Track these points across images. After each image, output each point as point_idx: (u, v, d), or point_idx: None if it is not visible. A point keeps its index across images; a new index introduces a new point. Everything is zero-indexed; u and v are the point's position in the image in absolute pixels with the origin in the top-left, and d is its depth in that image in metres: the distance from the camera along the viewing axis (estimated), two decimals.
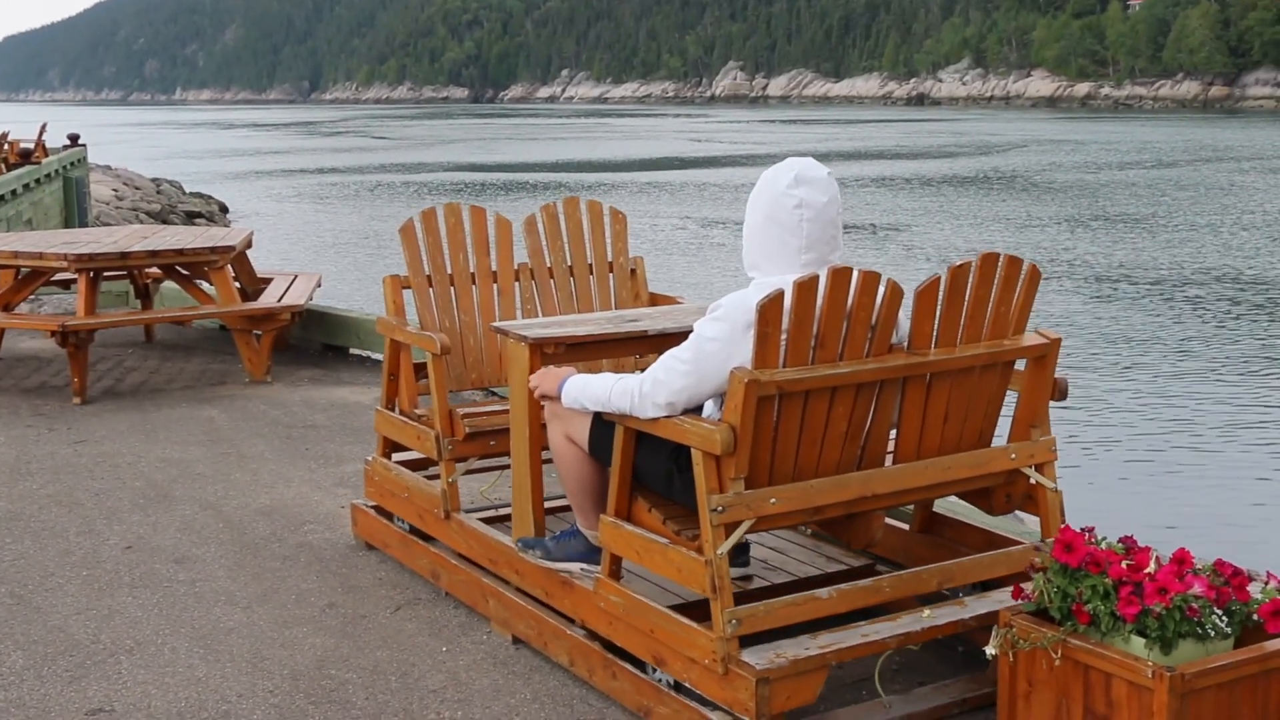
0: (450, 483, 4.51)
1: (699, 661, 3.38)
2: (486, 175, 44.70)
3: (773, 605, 3.41)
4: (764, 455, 3.37)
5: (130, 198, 28.99)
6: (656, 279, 19.01)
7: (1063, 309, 17.04)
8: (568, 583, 3.91)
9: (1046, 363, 3.77)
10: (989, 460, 3.75)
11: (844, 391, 3.40)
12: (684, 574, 3.42)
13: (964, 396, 3.65)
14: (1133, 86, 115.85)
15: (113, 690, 3.88)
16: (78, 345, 7.62)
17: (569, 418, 3.82)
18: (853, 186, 36.80)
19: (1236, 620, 3.08)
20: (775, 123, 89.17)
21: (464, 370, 4.92)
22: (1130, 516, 8.84)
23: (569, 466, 3.89)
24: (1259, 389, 12.56)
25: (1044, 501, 3.81)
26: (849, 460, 3.53)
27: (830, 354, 3.36)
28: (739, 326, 3.38)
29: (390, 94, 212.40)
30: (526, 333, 4.04)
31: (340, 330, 9.02)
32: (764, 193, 3.51)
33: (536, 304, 5.11)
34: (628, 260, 5.27)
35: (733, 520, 3.33)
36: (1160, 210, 29.32)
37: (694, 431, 3.34)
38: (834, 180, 3.53)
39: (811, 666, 3.31)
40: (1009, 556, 3.81)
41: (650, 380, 3.47)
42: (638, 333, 4.17)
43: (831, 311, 3.32)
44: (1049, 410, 3.84)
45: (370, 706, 3.75)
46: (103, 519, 5.51)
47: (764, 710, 3.24)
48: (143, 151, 58.82)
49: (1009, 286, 3.61)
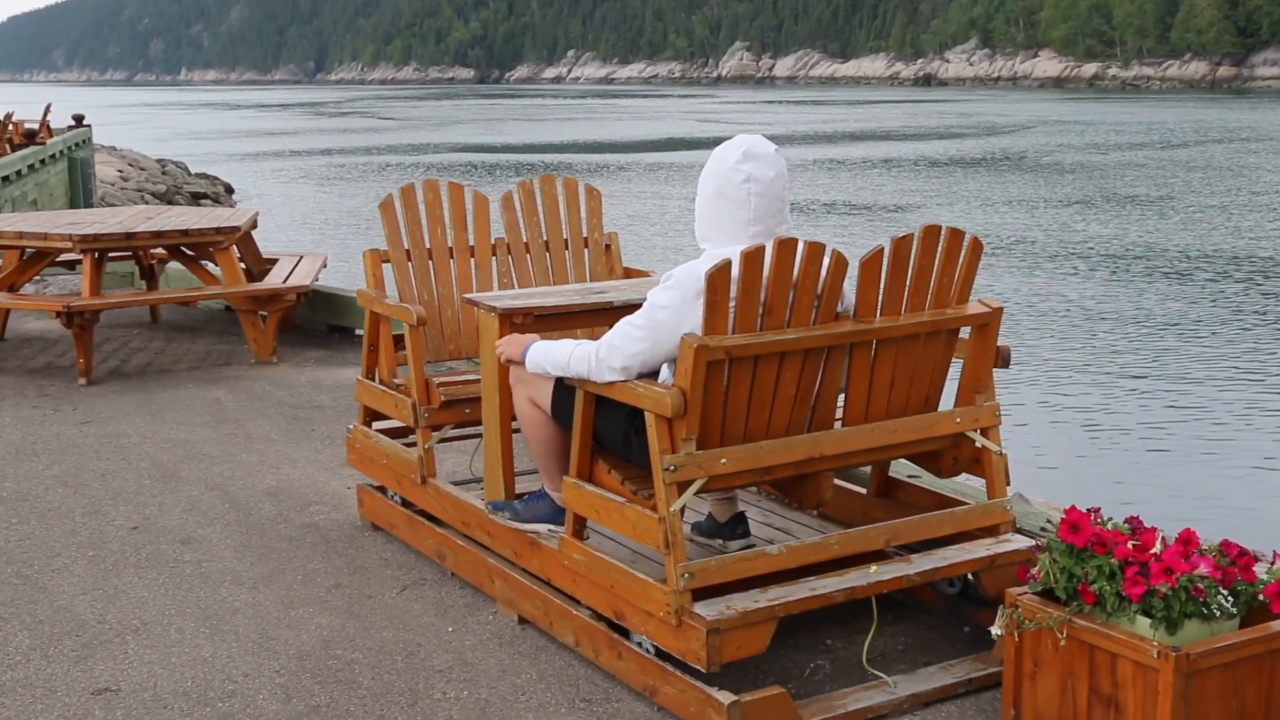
0: (426, 449, 4.64)
1: (654, 614, 3.52)
2: (492, 156, 44.64)
3: (724, 560, 3.56)
4: (715, 418, 3.51)
5: (135, 178, 28.97)
6: (653, 255, 18.90)
7: (1061, 286, 17.01)
8: (535, 543, 4.05)
9: (989, 331, 3.90)
10: (934, 424, 3.89)
11: (792, 357, 3.55)
12: (640, 531, 3.56)
13: (909, 363, 3.79)
14: (1140, 67, 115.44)
15: (119, 670, 3.89)
16: (83, 326, 7.62)
17: (532, 382, 3.96)
18: (860, 168, 36.75)
19: (1242, 600, 3.08)
20: (781, 103, 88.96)
21: (441, 341, 5.07)
22: (1081, 481, 8.95)
23: (533, 430, 4.03)
24: (1266, 367, 12.55)
25: (989, 464, 3.96)
26: (798, 423, 3.66)
27: (778, 321, 3.50)
28: (689, 294, 3.51)
29: (396, 74, 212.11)
30: (496, 304, 4.18)
31: (346, 311, 9.01)
32: (714, 169, 3.66)
33: (512, 278, 5.23)
34: (602, 236, 5.40)
35: (685, 479, 3.47)
36: (1167, 191, 29.24)
37: (647, 395, 3.48)
38: (781, 157, 3.67)
39: (760, 618, 3.45)
40: (954, 516, 3.94)
41: (606, 346, 3.62)
42: (603, 304, 4.31)
43: (778, 280, 3.45)
44: (993, 376, 3.97)
45: (376, 686, 3.76)
46: (109, 499, 5.52)
47: (714, 659, 3.39)
48: (148, 132, 58.79)
49: (951, 258, 3.74)
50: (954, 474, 4.11)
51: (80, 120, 23.93)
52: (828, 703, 3.51)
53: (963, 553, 3.83)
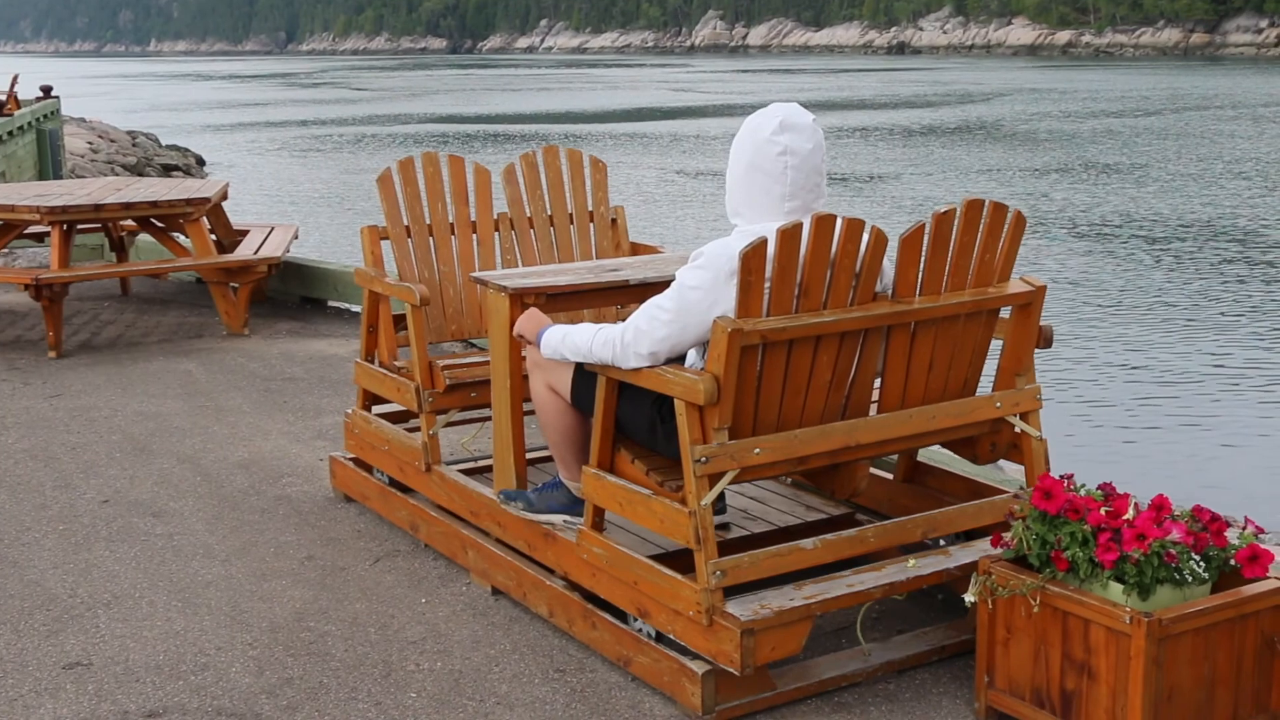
0: (431, 435, 4.49)
1: (683, 613, 3.38)
2: (467, 126, 44.42)
3: (757, 556, 3.40)
4: (748, 405, 3.35)
5: (105, 150, 28.71)
6: (638, 229, 18.90)
7: (1044, 257, 17.05)
8: (550, 535, 3.89)
9: (1031, 310, 3.74)
10: (974, 409, 3.74)
11: (828, 340, 3.38)
12: (667, 525, 3.40)
13: (948, 345, 3.64)
14: (1114, 34, 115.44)
15: (90, 644, 3.86)
16: (52, 299, 7.56)
17: (551, 368, 3.79)
18: (834, 136, 36.69)
19: (1214, 566, 3.09)
20: (755, 72, 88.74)
21: (443, 322, 4.89)
22: (1113, 464, 8.90)
23: (551, 417, 3.86)
24: (1240, 336, 12.60)
25: (1029, 450, 3.80)
26: (833, 410, 3.51)
27: (814, 302, 3.34)
28: (722, 275, 3.34)
29: (367, 45, 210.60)
30: (506, 283, 3.99)
31: (318, 282, 8.96)
32: (748, 139, 3.46)
33: (516, 254, 5.07)
34: (608, 210, 5.24)
35: (716, 471, 3.31)
36: (1141, 159, 29.31)
37: (677, 381, 3.32)
38: (819, 127, 3.49)
39: (796, 617, 3.31)
40: (993, 506, 3.81)
41: (632, 330, 3.44)
42: (619, 282, 4.13)
43: (815, 259, 3.29)
44: (1034, 358, 3.83)
45: (349, 658, 3.74)
46: (79, 473, 5.48)
47: (749, 661, 3.25)
48: (118, 103, 58.27)
49: (994, 233, 3.58)
50: (991, 460, 3.96)
51: (48, 91, 23.67)
52: (802, 671, 3.50)
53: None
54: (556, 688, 3.56)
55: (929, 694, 3.48)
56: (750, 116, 3.51)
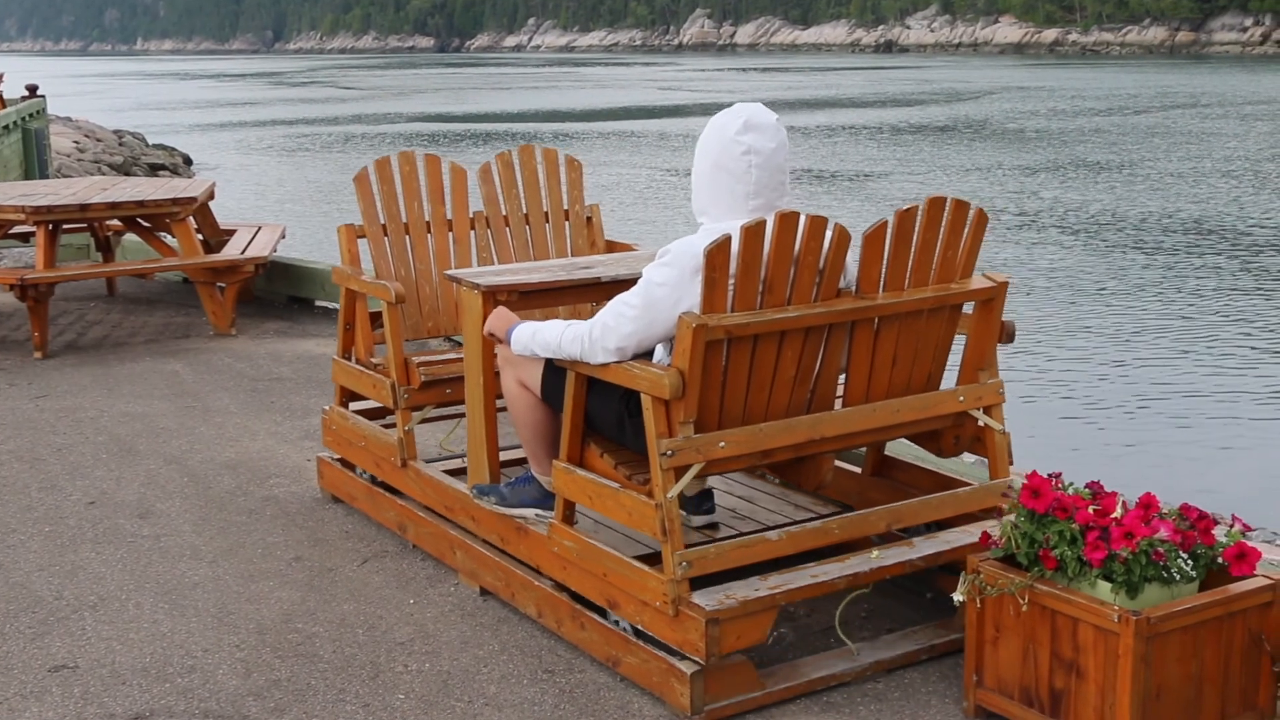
0: (406, 431, 4.54)
1: (650, 604, 3.43)
2: (455, 125, 44.35)
3: (723, 547, 3.46)
4: (713, 399, 3.41)
5: (92, 150, 28.61)
6: (625, 227, 18.87)
7: (1026, 255, 17.07)
8: (522, 529, 3.94)
9: (994, 306, 3.81)
10: (937, 403, 3.81)
11: (792, 335, 3.44)
12: (635, 518, 3.46)
13: (912, 340, 3.70)
14: (1100, 32, 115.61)
15: (76, 646, 3.85)
16: (37, 299, 7.53)
17: (521, 364, 3.85)
18: (821, 135, 36.72)
19: (1202, 564, 3.10)
20: (743, 71, 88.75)
21: (420, 319, 4.94)
22: (1078, 458, 8.94)
23: (522, 412, 3.92)
24: (1227, 334, 12.63)
25: (992, 443, 3.87)
26: (798, 404, 3.57)
27: (778, 298, 3.40)
28: (687, 271, 3.40)
29: (355, 44, 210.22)
30: (480, 280, 4.04)
31: (306, 282, 8.94)
32: (712, 139, 3.52)
33: (492, 252, 5.12)
34: (584, 208, 5.28)
35: (682, 464, 3.37)
36: (1128, 157, 29.36)
37: (643, 376, 3.37)
38: (782, 127, 3.54)
39: (761, 607, 3.37)
40: (956, 498, 3.87)
41: (600, 326, 3.49)
42: (591, 279, 4.17)
43: (779, 256, 3.35)
44: (996, 353, 3.89)
45: (337, 659, 3.73)
46: (65, 474, 5.46)
47: (714, 650, 3.30)
48: (104, 102, 58.10)
49: (956, 230, 3.65)
50: (955, 453, 4.01)
51: (34, 90, 23.58)
52: (791, 670, 3.50)
53: (965, 535, 3.74)
54: (545, 688, 3.55)
55: (918, 693, 3.48)
56: (715, 116, 3.56)
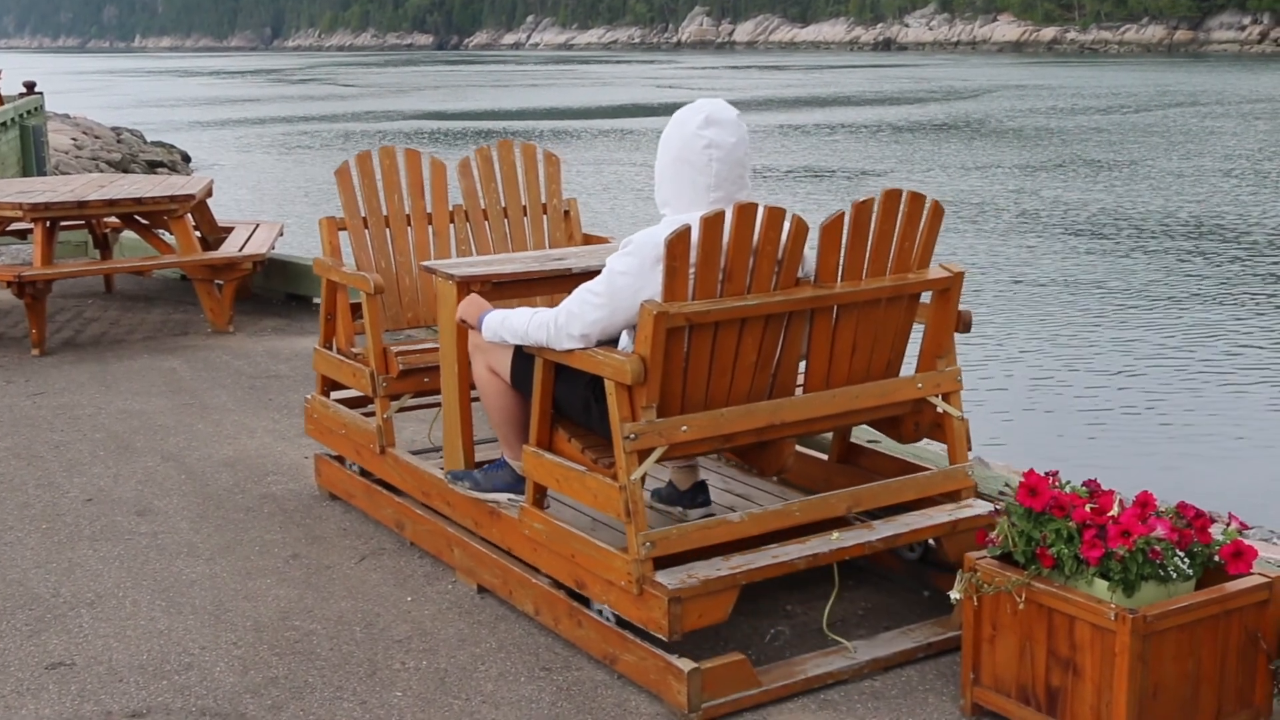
0: (385, 419, 4.61)
1: (615, 583, 3.51)
2: (453, 123, 44.32)
3: (685, 529, 3.55)
4: (675, 385, 3.49)
5: (90, 147, 28.59)
6: (624, 225, 18.87)
7: (1038, 254, 17.08)
8: (495, 512, 4.03)
9: (950, 295, 3.89)
10: (896, 390, 3.88)
11: (752, 323, 3.53)
12: (600, 500, 3.54)
13: (870, 328, 3.78)
14: (1098, 31, 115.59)
15: (73, 644, 3.85)
16: (35, 296, 7.53)
17: (491, 351, 3.93)
18: (820, 133, 36.71)
19: (1198, 562, 3.10)
20: (742, 68, 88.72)
21: (400, 310, 5.04)
22: (1041, 444, 9.00)
23: (493, 398, 4.00)
24: (1229, 332, 12.64)
25: (951, 430, 3.95)
26: (759, 390, 3.65)
27: (738, 287, 3.48)
28: (648, 261, 3.49)
29: (354, 41, 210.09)
30: (454, 271, 4.14)
31: (303, 279, 8.93)
32: (675, 133, 3.64)
33: (471, 245, 5.20)
34: (561, 202, 5.39)
35: (645, 447, 3.46)
36: (1126, 155, 29.36)
37: (606, 362, 3.46)
38: (742, 121, 3.65)
39: (722, 586, 3.45)
40: (916, 482, 3.94)
41: (565, 313, 3.59)
42: (562, 270, 4.28)
43: (738, 246, 3.43)
44: (954, 341, 3.96)
45: (335, 657, 3.73)
46: (62, 471, 5.46)
47: (676, 627, 3.38)
48: (102, 99, 58.03)
49: (912, 222, 3.72)
50: (915, 439, 4.12)
51: (32, 87, 23.55)
52: (788, 668, 3.51)
53: (924, 518, 3.84)
54: (542, 686, 3.55)
55: (915, 691, 3.48)
56: (677, 112, 3.68)
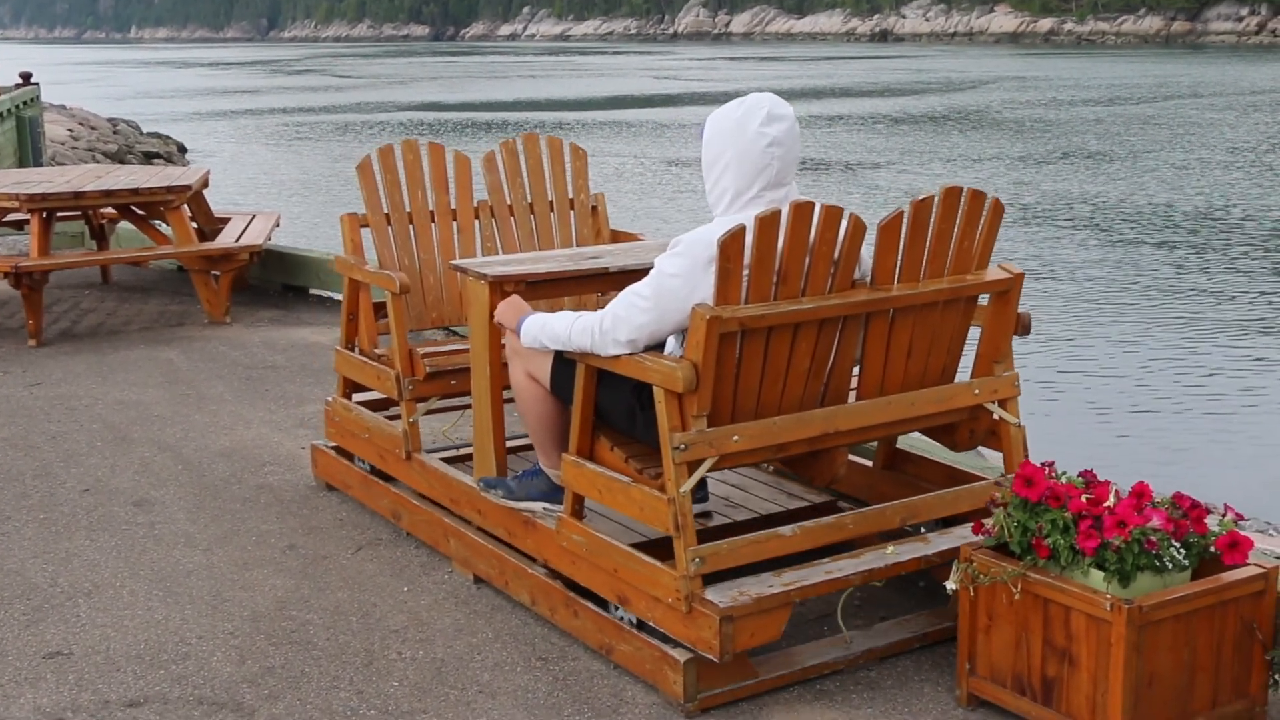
0: (411, 423, 4.49)
1: (662, 600, 3.38)
2: (451, 114, 44.25)
3: (736, 543, 3.41)
4: (726, 392, 3.35)
5: (86, 138, 28.54)
6: (622, 217, 18.87)
7: (1026, 246, 17.08)
8: (530, 522, 3.90)
9: (1009, 298, 3.76)
10: (952, 396, 3.75)
11: (807, 328, 3.39)
12: (646, 512, 3.41)
13: (927, 332, 3.65)
14: (1095, 22, 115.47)
15: (71, 633, 3.85)
16: (32, 287, 7.52)
17: (530, 356, 3.80)
18: (817, 124, 36.68)
19: (1194, 552, 3.11)
20: (739, 60, 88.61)
21: (424, 309, 4.89)
22: (1092, 452, 8.92)
23: (530, 405, 3.87)
24: (1221, 324, 12.65)
25: (1007, 437, 3.83)
26: (812, 397, 3.52)
27: (793, 290, 3.35)
28: (700, 262, 3.36)
29: (350, 32, 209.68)
30: (486, 270, 3.99)
31: (300, 270, 8.93)
32: (734, 130, 3.46)
33: (497, 242, 5.06)
34: (589, 197, 5.23)
35: (695, 458, 3.32)
36: (1125, 147, 29.35)
37: (655, 369, 3.32)
38: (794, 116, 3.52)
39: (775, 604, 3.32)
40: (971, 492, 3.83)
41: (611, 317, 3.45)
42: (598, 270, 4.14)
43: (794, 247, 3.30)
44: (1012, 345, 3.84)
45: (331, 647, 3.74)
46: (60, 462, 5.46)
47: (728, 648, 3.25)
48: (99, 90, 57.91)
49: (972, 221, 3.59)
50: (970, 447, 3.97)
51: (28, 78, 23.51)
52: (784, 659, 3.51)
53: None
54: (539, 676, 3.56)
55: (911, 681, 3.49)
56: (729, 108, 3.51)
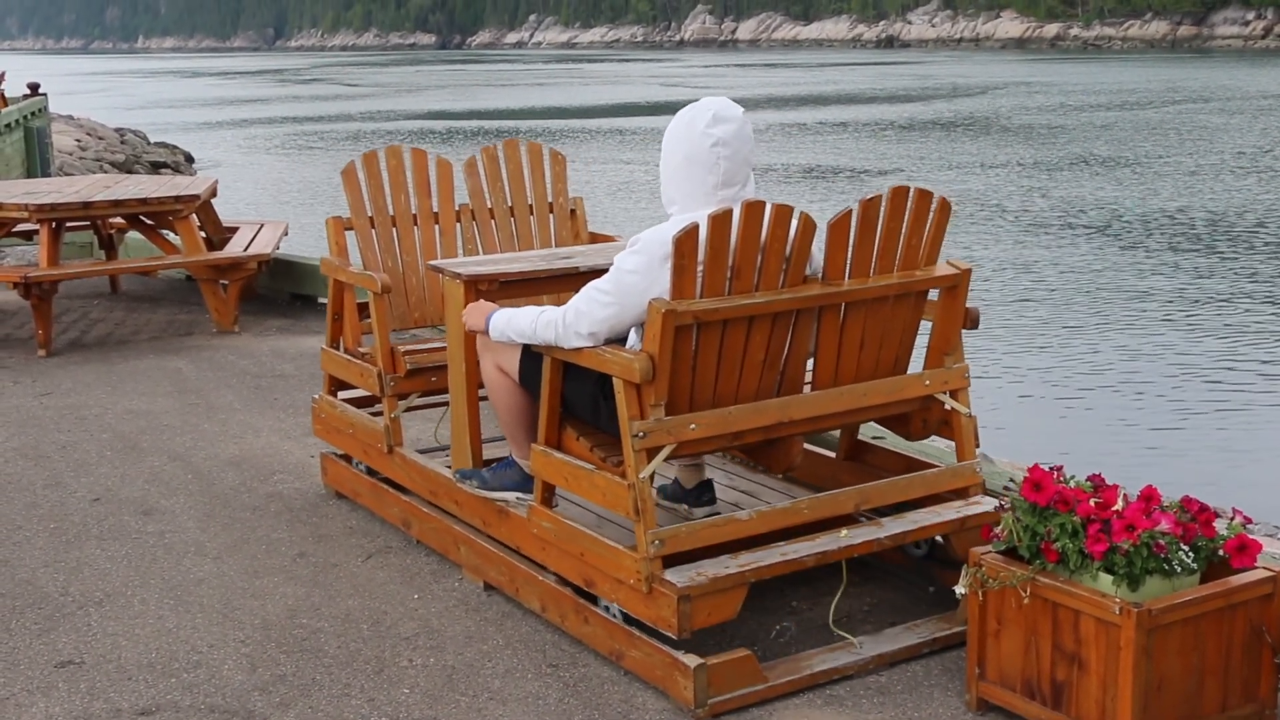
0: (393, 418, 4.62)
1: (625, 582, 3.52)
2: (458, 123, 44.32)
3: (694, 526, 3.55)
4: (683, 383, 3.50)
5: (94, 148, 28.61)
6: (631, 224, 18.90)
7: (1029, 249, 17.07)
8: (503, 511, 4.03)
9: (958, 293, 3.89)
10: (904, 387, 3.89)
11: (760, 321, 3.53)
12: (609, 498, 3.55)
13: (878, 325, 3.78)
14: (1101, 27, 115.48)
15: (82, 642, 3.86)
16: (41, 297, 7.55)
17: (500, 350, 3.94)
18: (823, 131, 36.70)
19: (1202, 556, 3.11)
20: (745, 66, 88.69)
21: (407, 309, 5.05)
22: (1046, 440, 9.00)
23: (501, 397, 4.01)
24: (1237, 328, 12.63)
25: (959, 426, 3.96)
26: (767, 387, 3.66)
27: (746, 285, 3.48)
28: (656, 259, 3.50)
29: (356, 41, 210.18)
30: (461, 270, 4.14)
31: (308, 279, 8.95)
32: (681, 132, 3.64)
33: (477, 244, 5.21)
34: (568, 201, 5.38)
35: (654, 445, 3.46)
36: (1135, 153, 29.32)
37: (615, 361, 3.47)
38: (747, 119, 3.65)
39: (731, 584, 3.45)
40: (924, 479, 3.94)
41: (573, 311, 3.60)
42: (570, 269, 4.28)
43: (746, 243, 3.43)
44: (962, 338, 3.96)
45: (342, 655, 3.75)
46: (70, 471, 5.47)
47: (685, 625, 3.38)
48: (106, 100, 58.05)
49: (920, 219, 3.73)
50: (923, 436, 4.12)
51: (36, 89, 23.58)
52: (794, 664, 3.52)
53: (932, 515, 3.84)
54: (549, 682, 3.57)
55: (921, 686, 3.49)
56: (682, 111, 3.68)
